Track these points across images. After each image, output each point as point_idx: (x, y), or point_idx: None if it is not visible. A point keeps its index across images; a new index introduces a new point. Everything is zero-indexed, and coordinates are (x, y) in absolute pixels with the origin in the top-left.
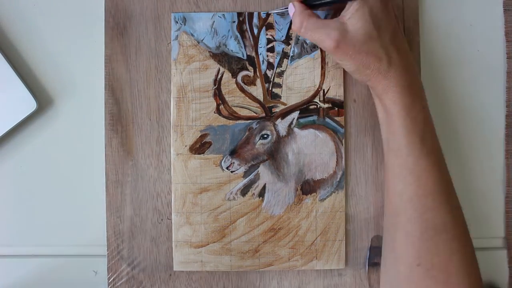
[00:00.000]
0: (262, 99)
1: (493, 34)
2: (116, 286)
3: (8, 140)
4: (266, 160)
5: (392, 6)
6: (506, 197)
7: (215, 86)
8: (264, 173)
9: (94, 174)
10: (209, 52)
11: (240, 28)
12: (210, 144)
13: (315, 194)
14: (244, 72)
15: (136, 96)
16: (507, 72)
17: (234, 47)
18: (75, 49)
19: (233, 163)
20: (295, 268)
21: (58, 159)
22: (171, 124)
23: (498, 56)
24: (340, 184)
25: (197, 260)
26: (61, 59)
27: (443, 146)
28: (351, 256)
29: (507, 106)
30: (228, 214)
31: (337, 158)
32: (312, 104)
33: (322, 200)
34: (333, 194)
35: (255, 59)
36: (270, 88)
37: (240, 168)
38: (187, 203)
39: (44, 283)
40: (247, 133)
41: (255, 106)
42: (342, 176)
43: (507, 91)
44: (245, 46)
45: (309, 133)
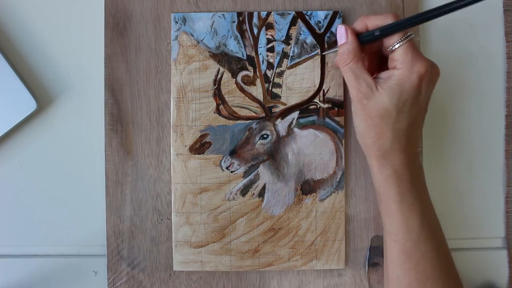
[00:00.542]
0: (262, 99)
1: (493, 34)
2: (116, 286)
3: (8, 140)
4: (266, 160)
5: (428, 99)
6: (506, 197)
7: (215, 86)
8: (264, 173)
9: (94, 174)
10: (209, 52)
11: (240, 28)
12: (210, 144)
13: (315, 194)
14: (244, 72)
15: (136, 96)
16: (507, 72)
17: (234, 47)
18: (75, 49)
19: (233, 163)
20: (295, 268)
21: (58, 159)
22: (171, 124)
23: (498, 56)
24: (340, 184)
25: (197, 260)
26: (61, 59)
27: (443, 146)
28: (351, 256)
29: (507, 106)
30: (228, 214)
31: (337, 158)
32: (312, 104)
33: (322, 200)
34: (333, 194)
35: (255, 59)
36: (270, 88)
37: (240, 168)
38: (187, 203)
39: (44, 283)
40: (247, 133)
41: (255, 106)
42: (342, 176)
43: (507, 91)
44: (245, 46)
45: (309, 133)
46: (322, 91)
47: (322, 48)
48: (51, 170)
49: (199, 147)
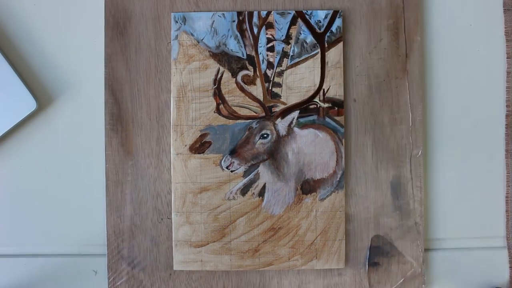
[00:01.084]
0: (262, 99)
1: (493, 34)
2: (116, 286)
3: (8, 140)
4: (266, 159)
5: None
6: (506, 197)
7: (215, 85)
8: (264, 172)
9: (94, 174)
10: (209, 51)
11: (240, 27)
12: (210, 143)
13: (315, 193)
14: (244, 72)
15: (136, 96)
16: (507, 72)
17: (234, 47)
18: (75, 49)
19: (233, 162)
20: (295, 267)
21: (58, 159)
22: (171, 124)
23: (498, 56)
24: (340, 184)
25: (197, 259)
26: (61, 59)
27: (443, 146)
28: (351, 256)
29: (507, 106)
30: (228, 214)
31: (337, 157)
32: (312, 104)
33: (322, 199)
34: (333, 193)
35: (255, 59)
36: (270, 88)
37: (240, 167)
38: (187, 202)
39: (44, 283)
40: (247, 132)
41: (255, 105)
42: (342, 175)
43: (507, 91)
44: (245, 46)
45: (309, 132)
46: (322, 90)
47: (322, 47)
48: (51, 170)
49: (199, 146)
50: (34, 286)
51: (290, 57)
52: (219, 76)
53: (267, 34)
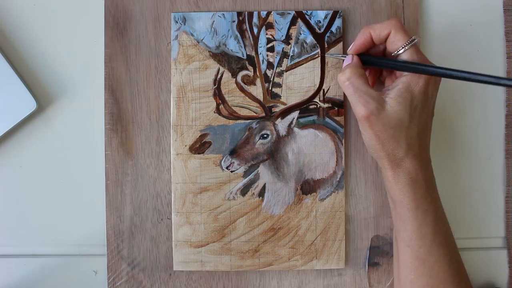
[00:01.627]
0: (262, 99)
1: (493, 34)
2: (116, 286)
3: (8, 140)
4: (266, 159)
5: (434, 103)
6: (506, 197)
7: (215, 85)
8: (264, 172)
9: (94, 174)
10: (209, 51)
11: (240, 27)
12: (210, 143)
13: (315, 194)
14: (244, 72)
15: (136, 96)
16: (507, 72)
17: (234, 47)
18: (75, 49)
19: (233, 162)
20: (295, 268)
21: (58, 159)
22: (171, 124)
23: (498, 56)
24: (340, 184)
25: (197, 260)
26: (61, 59)
27: (443, 146)
28: (351, 256)
29: (507, 106)
30: (228, 214)
31: (337, 158)
32: (312, 104)
33: (322, 200)
34: (333, 194)
35: (255, 59)
36: (270, 88)
37: (240, 167)
38: (187, 202)
39: (44, 283)
40: (247, 132)
41: (255, 105)
42: (342, 176)
43: (507, 91)
44: (245, 46)
45: (309, 133)
46: (322, 90)
47: (322, 48)
48: (51, 170)
49: (199, 146)
50: (34, 286)
51: (290, 57)
52: (219, 76)
53: (267, 34)
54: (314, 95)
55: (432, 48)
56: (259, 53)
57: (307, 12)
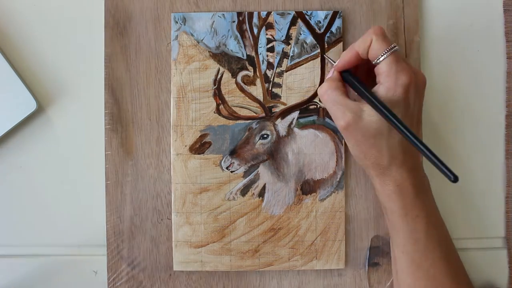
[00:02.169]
0: (262, 99)
1: (493, 34)
2: (116, 286)
3: (8, 140)
4: (266, 160)
5: (419, 110)
6: (506, 197)
7: (215, 86)
8: (264, 173)
9: (94, 174)
10: (209, 52)
11: (240, 28)
12: (210, 144)
13: (315, 194)
14: (244, 72)
15: (136, 96)
16: (507, 72)
17: (234, 47)
18: (75, 49)
19: (233, 163)
20: (295, 268)
21: (58, 159)
22: (171, 124)
23: (498, 56)
24: (340, 184)
25: (197, 260)
26: (61, 59)
27: (443, 146)
28: (351, 256)
29: (507, 106)
30: (228, 214)
31: (337, 158)
32: (312, 104)
33: (322, 200)
34: (333, 194)
35: (255, 59)
36: (270, 88)
37: (240, 168)
38: (187, 203)
39: (44, 283)
40: (247, 133)
41: (255, 106)
42: (342, 176)
43: (507, 91)
44: (245, 46)
45: (309, 133)
46: None
47: (322, 48)
48: (51, 170)
49: (199, 147)
50: (34, 286)
51: (290, 57)
52: (219, 76)
53: (267, 34)
54: (314, 95)
55: (432, 48)
56: (259, 53)
57: (307, 12)
